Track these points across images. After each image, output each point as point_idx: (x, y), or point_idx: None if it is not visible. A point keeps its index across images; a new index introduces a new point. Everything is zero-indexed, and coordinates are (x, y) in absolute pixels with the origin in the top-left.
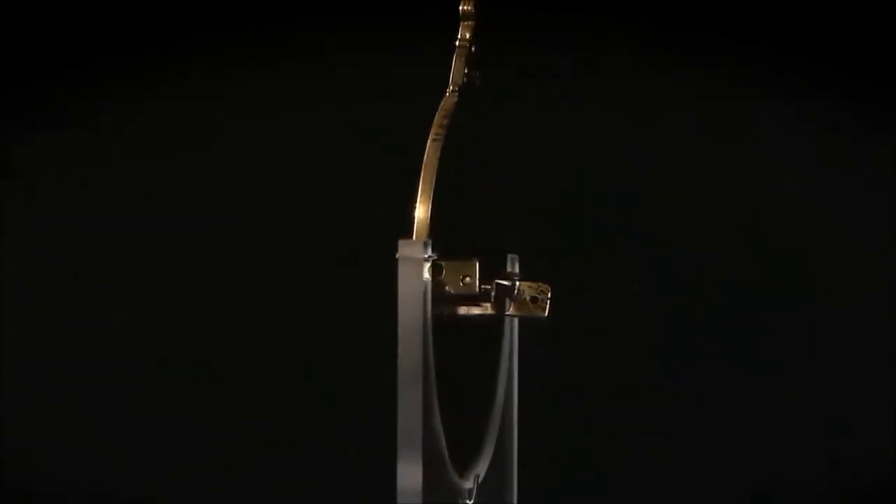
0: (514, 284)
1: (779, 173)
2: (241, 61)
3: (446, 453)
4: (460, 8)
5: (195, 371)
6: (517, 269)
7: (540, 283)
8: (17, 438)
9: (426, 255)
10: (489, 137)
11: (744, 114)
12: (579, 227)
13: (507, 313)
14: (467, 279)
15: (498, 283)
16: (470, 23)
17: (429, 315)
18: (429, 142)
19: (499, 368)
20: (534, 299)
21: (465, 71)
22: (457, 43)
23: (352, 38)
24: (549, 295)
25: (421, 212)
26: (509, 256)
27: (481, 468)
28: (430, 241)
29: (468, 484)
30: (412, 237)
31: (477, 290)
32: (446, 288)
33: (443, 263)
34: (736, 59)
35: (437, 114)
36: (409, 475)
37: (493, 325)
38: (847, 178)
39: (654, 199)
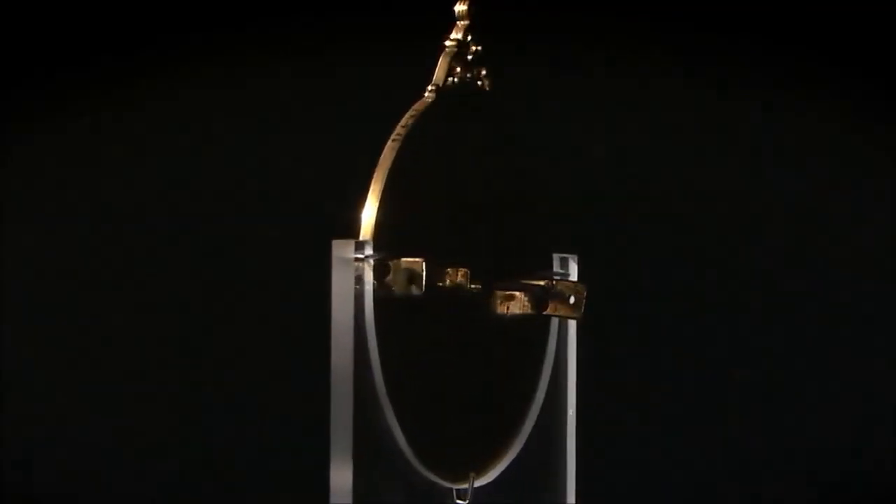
0: (551, 284)
1: (778, 173)
2: (241, 61)
3: (408, 452)
4: (455, 8)
5: (195, 371)
6: (572, 270)
7: (576, 283)
8: (17, 438)
9: (360, 256)
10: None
11: (744, 114)
12: (579, 227)
13: (544, 313)
14: (415, 279)
15: (524, 283)
16: (463, 23)
17: (369, 314)
18: (388, 142)
19: (541, 368)
20: (569, 299)
21: (458, 70)
22: (446, 42)
23: (352, 38)
24: (585, 295)
25: (368, 212)
26: (558, 256)
27: (498, 467)
28: (371, 242)
29: (462, 485)
30: (359, 237)
31: (422, 290)
32: (393, 289)
33: (390, 264)
34: (736, 59)
35: (406, 114)
36: (341, 475)
37: (537, 325)
38: (847, 177)
39: (654, 198)
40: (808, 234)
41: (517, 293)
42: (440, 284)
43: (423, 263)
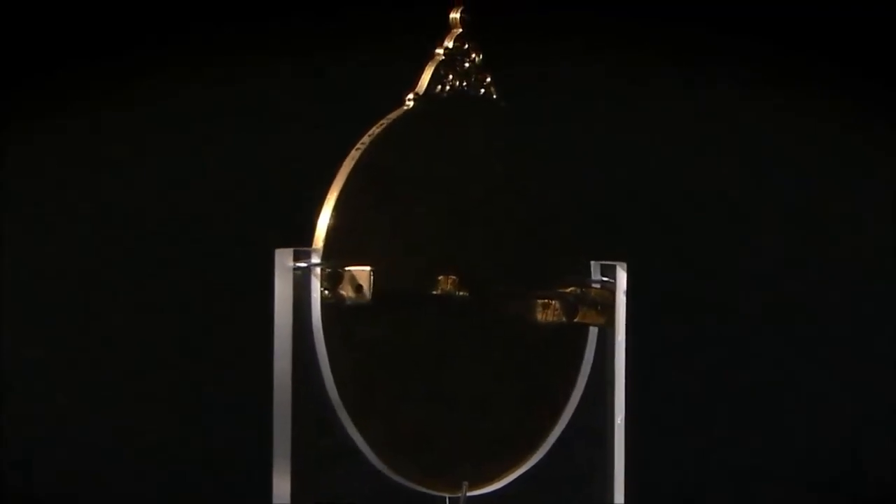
0: (581, 292)
1: (778, 173)
2: (241, 61)
3: (376, 458)
4: (450, 15)
5: (195, 371)
6: (620, 278)
7: (604, 291)
8: (17, 438)
9: (303, 264)
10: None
11: (743, 113)
12: (577, 229)
13: (574, 321)
14: (362, 288)
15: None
16: (456, 30)
17: (316, 322)
18: (351, 150)
19: (577, 376)
20: (597, 306)
21: (450, 78)
22: (437, 51)
23: (351, 38)
24: (613, 301)
25: (322, 220)
26: (595, 263)
27: (513, 474)
28: (319, 250)
29: (454, 493)
30: (312, 245)
31: (367, 299)
32: (345, 298)
33: (342, 272)
34: (736, 59)
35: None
36: (280, 480)
37: (577, 334)
38: (847, 177)
39: (652, 198)
40: (808, 234)
41: (551, 301)
42: (433, 293)
43: (370, 272)
